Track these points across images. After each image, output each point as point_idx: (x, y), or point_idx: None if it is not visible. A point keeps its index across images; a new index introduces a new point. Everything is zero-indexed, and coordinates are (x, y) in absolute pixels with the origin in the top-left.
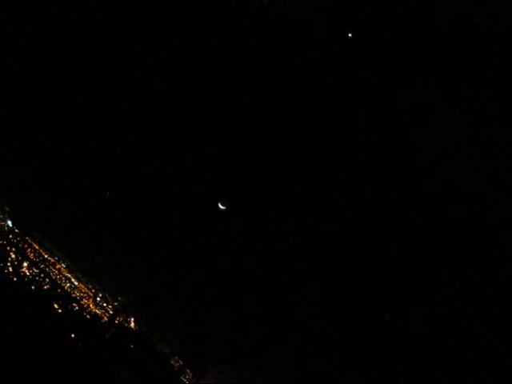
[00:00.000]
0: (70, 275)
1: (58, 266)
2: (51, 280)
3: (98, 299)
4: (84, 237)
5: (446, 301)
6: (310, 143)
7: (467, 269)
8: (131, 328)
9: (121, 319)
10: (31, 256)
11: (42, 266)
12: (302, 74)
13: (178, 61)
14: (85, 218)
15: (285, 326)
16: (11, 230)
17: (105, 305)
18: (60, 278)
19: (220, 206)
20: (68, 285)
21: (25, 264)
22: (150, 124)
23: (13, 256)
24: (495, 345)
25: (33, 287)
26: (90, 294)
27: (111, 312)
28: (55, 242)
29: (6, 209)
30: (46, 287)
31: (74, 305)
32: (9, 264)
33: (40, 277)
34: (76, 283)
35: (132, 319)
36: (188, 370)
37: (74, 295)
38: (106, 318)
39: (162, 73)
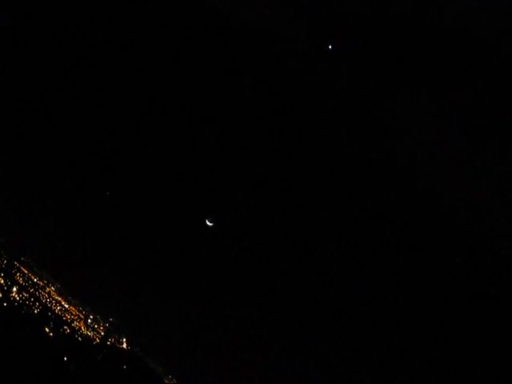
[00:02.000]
0: (60, 298)
1: (47, 290)
2: (41, 304)
3: (89, 321)
4: (73, 259)
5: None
6: (295, 157)
7: (462, 274)
8: (123, 348)
9: (113, 340)
10: (20, 280)
11: (31, 290)
12: (282, 88)
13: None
14: (73, 241)
15: (281, 341)
16: None
17: (96, 326)
18: (50, 301)
19: (208, 223)
20: (59, 308)
21: (14, 289)
22: (137, 142)
23: (2, 281)
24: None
25: (23, 312)
26: (81, 316)
27: (103, 333)
28: (44, 266)
29: None
30: (36, 311)
31: (66, 328)
32: None
33: (30, 301)
34: (66, 306)
35: (124, 340)
36: None
37: (64, 318)
38: (97, 340)
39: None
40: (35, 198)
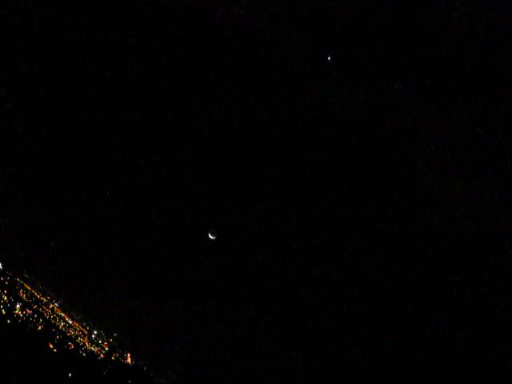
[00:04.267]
0: (63, 314)
1: (51, 306)
2: (45, 320)
3: (93, 336)
4: (76, 275)
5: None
6: (297, 170)
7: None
8: (128, 363)
9: (117, 355)
10: (24, 297)
11: (35, 307)
12: (281, 100)
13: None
14: (76, 257)
15: (282, 351)
16: (2, 272)
17: (100, 342)
18: (54, 317)
19: (210, 236)
20: (62, 324)
21: (17, 306)
22: (139, 153)
23: (5, 298)
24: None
25: (27, 328)
26: (85, 331)
27: (107, 349)
28: (47, 282)
29: None
30: (40, 327)
31: (70, 343)
32: (1, 306)
33: (33, 317)
34: (70, 322)
35: (128, 355)
36: None
37: (68, 334)
38: (102, 355)
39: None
40: (37, 214)
